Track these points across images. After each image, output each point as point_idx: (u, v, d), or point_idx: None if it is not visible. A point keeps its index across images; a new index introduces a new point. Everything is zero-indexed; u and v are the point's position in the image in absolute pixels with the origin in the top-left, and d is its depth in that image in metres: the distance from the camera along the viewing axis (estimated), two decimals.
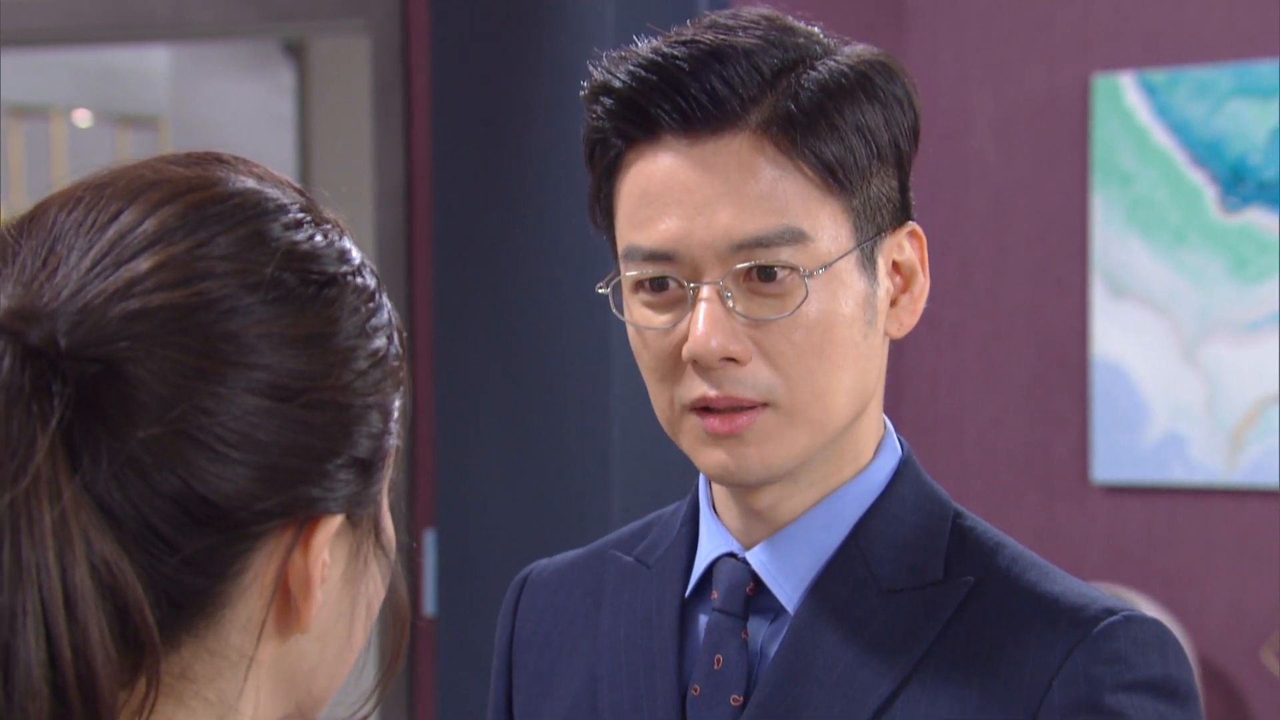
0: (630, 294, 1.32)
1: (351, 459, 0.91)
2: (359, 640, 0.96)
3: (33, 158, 6.28)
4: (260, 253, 0.89)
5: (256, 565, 0.89)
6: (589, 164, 1.34)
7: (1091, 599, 1.29)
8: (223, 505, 0.86)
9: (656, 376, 1.31)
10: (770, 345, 1.28)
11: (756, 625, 1.34)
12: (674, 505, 1.47)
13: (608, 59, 1.31)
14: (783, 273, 1.27)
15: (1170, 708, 1.25)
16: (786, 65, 1.28)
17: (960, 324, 3.80)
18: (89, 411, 0.84)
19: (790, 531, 1.34)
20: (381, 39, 3.79)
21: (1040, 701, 1.24)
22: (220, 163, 0.93)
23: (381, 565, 0.97)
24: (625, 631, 1.40)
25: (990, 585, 1.31)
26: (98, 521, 0.83)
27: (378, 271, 0.96)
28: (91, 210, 0.89)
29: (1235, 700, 3.56)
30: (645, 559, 1.43)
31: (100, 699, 0.83)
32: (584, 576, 1.47)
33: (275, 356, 0.87)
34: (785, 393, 1.28)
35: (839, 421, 1.31)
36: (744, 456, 1.29)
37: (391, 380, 0.93)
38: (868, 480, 1.35)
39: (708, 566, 1.37)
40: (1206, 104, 3.55)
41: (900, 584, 1.31)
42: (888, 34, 3.78)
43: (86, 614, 0.82)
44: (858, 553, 1.33)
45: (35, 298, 0.86)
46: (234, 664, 0.90)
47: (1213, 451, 3.55)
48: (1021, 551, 1.34)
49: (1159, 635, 1.27)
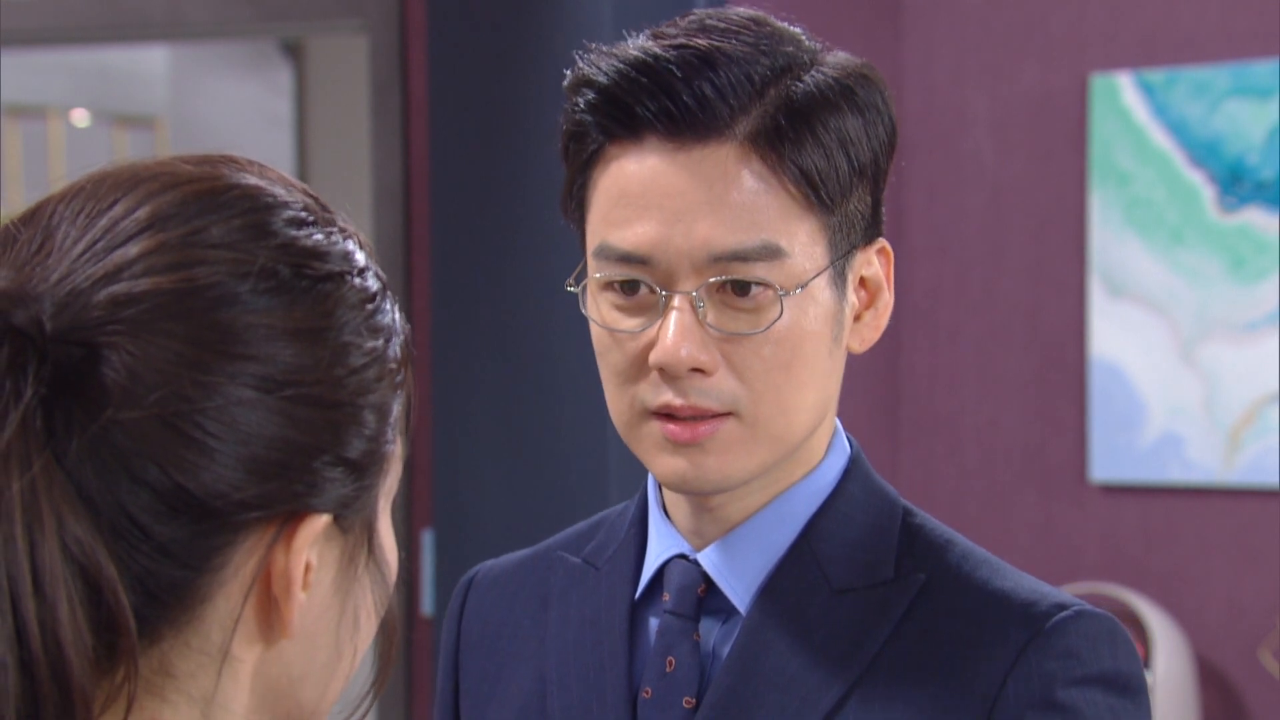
0: (598, 292, 1.31)
1: (340, 458, 0.89)
2: (349, 651, 0.94)
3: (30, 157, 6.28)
4: (257, 243, 0.88)
5: (237, 560, 0.88)
6: (564, 155, 1.33)
7: (1042, 594, 1.29)
8: (199, 495, 0.85)
9: (620, 379, 1.30)
10: (739, 358, 1.27)
11: (708, 626, 1.33)
12: (621, 505, 1.46)
13: (595, 52, 1.29)
14: (757, 288, 1.26)
15: (1121, 701, 1.26)
16: (775, 75, 1.27)
17: (958, 324, 3.80)
18: (68, 393, 0.83)
19: (741, 532, 1.33)
20: (379, 39, 3.79)
21: (995, 699, 1.25)
22: (231, 162, 0.93)
23: (375, 579, 0.95)
24: (574, 633, 1.39)
25: (941, 583, 1.31)
26: (72, 503, 0.83)
27: (386, 279, 0.94)
28: (90, 200, 0.89)
29: (1232, 699, 3.56)
30: (593, 560, 1.42)
31: (71, 680, 0.82)
32: (531, 578, 1.46)
33: (264, 347, 0.86)
34: (750, 405, 1.27)
35: (799, 436, 1.31)
36: (703, 466, 1.28)
37: (389, 383, 0.92)
38: (818, 480, 1.35)
39: (659, 568, 1.36)
40: (1204, 104, 3.55)
41: (851, 583, 1.31)
42: (884, 34, 3.78)
43: (55, 591, 0.81)
44: (809, 552, 1.33)
45: (25, 280, 0.85)
46: (217, 661, 0.89)
47: (1210, 451, 3.55)
48: (971, 548, 1.34)
49: (1109, 629, 1.28)
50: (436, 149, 3.54)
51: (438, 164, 3.54)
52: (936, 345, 3.82)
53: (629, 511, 1.43)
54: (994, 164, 3.75)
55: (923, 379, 3.84)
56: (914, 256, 3.83)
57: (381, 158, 3.79)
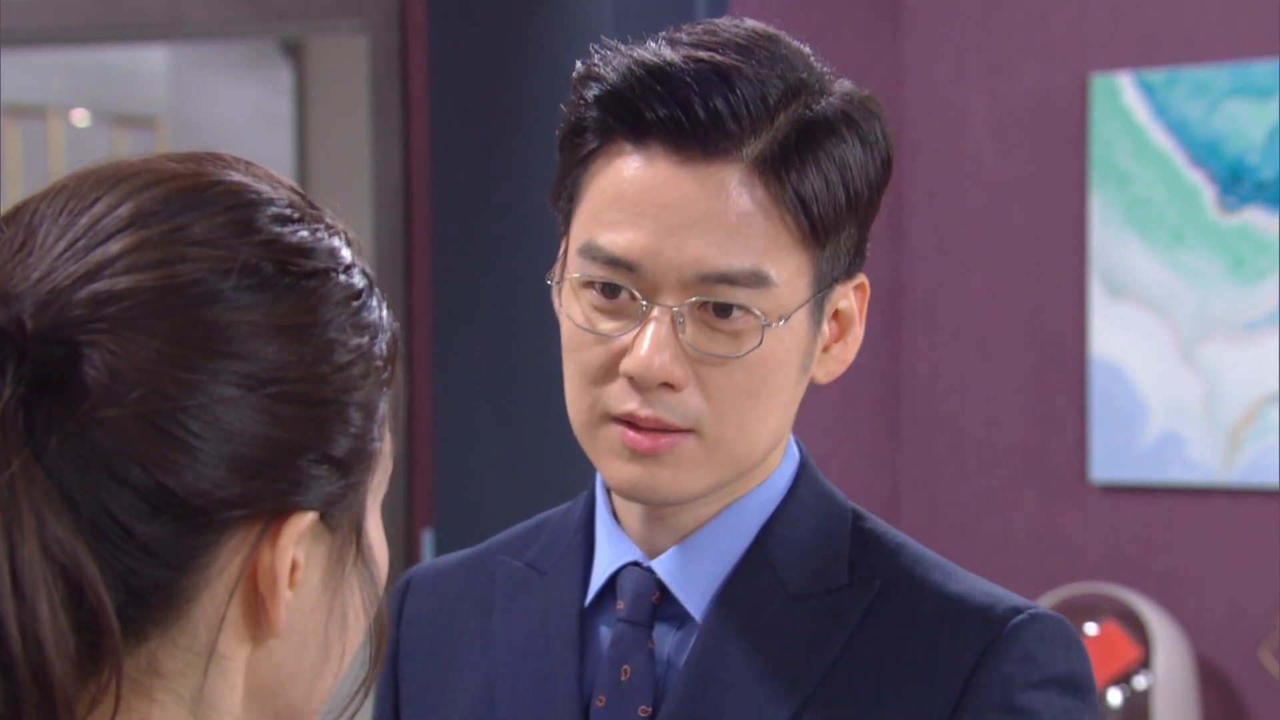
0: (577, 289, 1.29)
1: (325, 456, 0.88)
2: (337, 651, 0.93)
3: (30, 157, 6.28)
4: (240, 240, 0.87)
5: (222, 559, 0.87)
6: (561, 145, 1.31)
7: (997, 598, 1.31)
8: (182, 493, 0.84)
9: (585, 379, 1.30)
10: (709, 378, 1.27)
11: (662, 633, 1.33)
12: (564, 507, 1.45)
13: (610, 50, 1.28)
14: (738, 312, 1.26)
15: (1074, 701, 1.29)
16: (787, 99, 1.26)
17: (958, 324, 3.80)
18: (48, 392, 0.82)
19: (696, 539, 1.33)
20: (379, 38, 3.79)
21: (955, 704, 1.26)
22: (217, 160, 0.92)
23: (364, 578, 0.94)
24: (521, 640, 1.37)
25: (895, 588, 1.31)
26: (53, 502, 0.82)
27: (374, 276, 0.94)
28: (72, 198, 0.88)
29: (1233, 699, 3.56)
30: (538, 565, 1.40)
31: (53, 681, 0.81)
32: (471, 582, 1.43)
33: (247, 344, 0.85)
34: (712, 425, 1.27)
35: (756, 459, 1.31)
36: (657, 477, 1.28)
37: (375, 380, 0.91)
38: (770, 488, 1.35)
39: (611, 575, 1.35)
40: (1204, 104, 3.55)
41: (806, 590, 1.32)
42: (885, 33, 3.78)
43: (35, 591, 0.81)
44: (763, 559, 1.33)
45: (6, 279, 0.84)
46: (205, 660, 0.88)
47: (1210, 451, 3.55)
48: (923, 552, 1.35)
49: (1063, 632, 1.30)
50: (436, 148, 3.54)
51: (438, 163, 3.54)
52: (937, 345, 3.82)
53: (574, 514, 1.41)
54: (994, 164, 3.75)
55: (923, 379, 3.84)
56: (914, 256, 3.83)
57: (381, 157, 3.79)
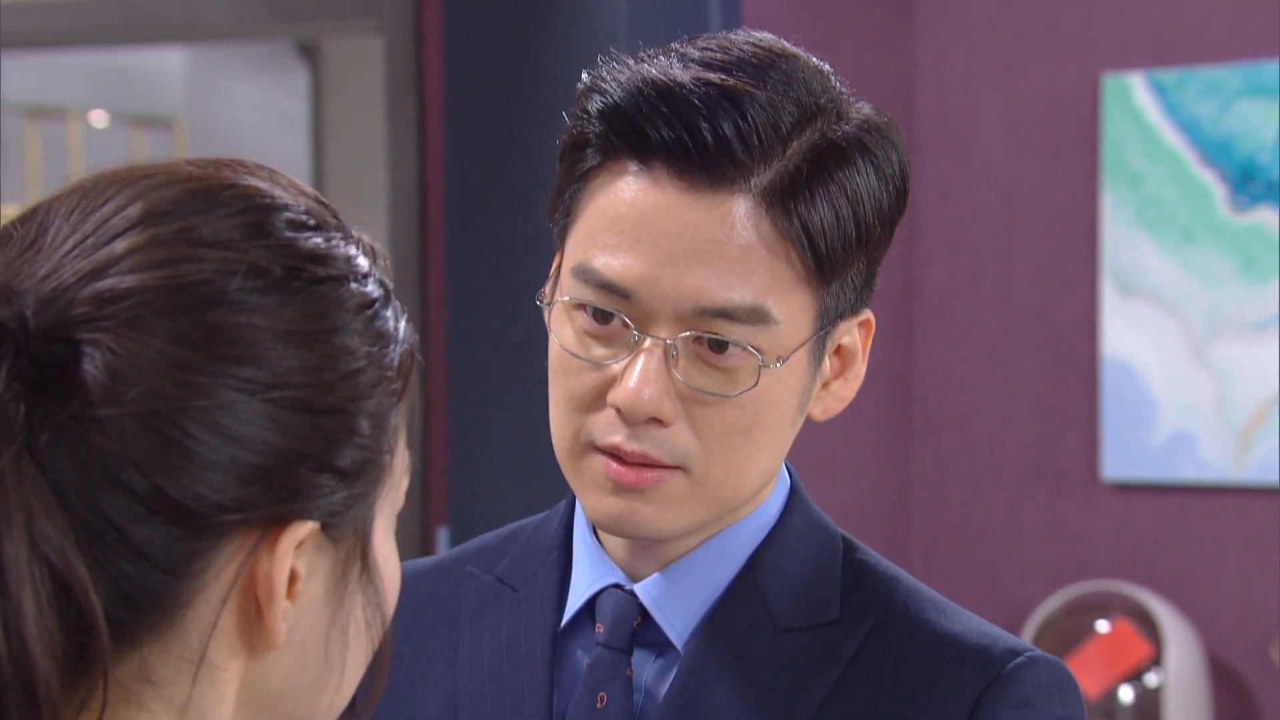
0: (568, 310, 1.23)
1: (329, 465, 0.85)
2: (338, 667, 0.90)
3: (49, 158, 6.31)
4: (251, 242, 0.85)
5: (218, 565, 0.84)
6: (561, 158, 1.25)
7: (994, 639, 1.26)
8: (178, 497, 0.82)
9: (571, 405, 1.23)
10: (700, 415, 1.20)
11: (640, 660, 1.27)
12: (536, 519, 1.38)
13: (618, 63, 1.22)
14: (735, 348, 1.19)
15: None
16: (801, 125, 1.20)
17: (970, 323, 3.81)
18: (47, 389, 0.81)
19: (683, 565, 1.27)
20: (395, 39, 3.81)
21: None
22: (238, 166, 0.90)
23: (369, 594, 0.90)
24: (489, 659, 1.30)
25: (890, 625, 1.26)
26: (45, 500, 0.80)
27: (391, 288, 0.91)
28: (85, 197, 0.86)
29: (1244, 697, 3.57)
30: (509, 579, 1.33)
31: (36, 680, 0.79)
32: (436, 593, 1.36)
33: (251, 348, 0.83)
34: (701, 463, 1.21)
35: (744, 499, 1.25)
36: (639, 513, 1.22)
37: (386, 390, 0.88)
38: (761, 515, 1.29)
39: (590, 598, 1.29)
40: (1216, 103, 3.56)
41: (796, 622, 1.26)
42: (897, 33, 3.79)
43: (20, 589, 0.79)
44: (753, 588, 1.27)
45: (12, 277, 0.83)
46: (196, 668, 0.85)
47: (1222, 450, 3.56)
48: (917, 586, 1.30)
49: (1059, 676, 1.27)
50: (452, 149, 3.56)
51: (453, 164, 3.56)
52: (948, 344, 3.83)
53: (549, 528, 1.35)
54: (1006, 164, 3.77)
55: (935, 378, 3.85)
56: (926, 256, 3.84)
57: (397, 158, 3.81)
